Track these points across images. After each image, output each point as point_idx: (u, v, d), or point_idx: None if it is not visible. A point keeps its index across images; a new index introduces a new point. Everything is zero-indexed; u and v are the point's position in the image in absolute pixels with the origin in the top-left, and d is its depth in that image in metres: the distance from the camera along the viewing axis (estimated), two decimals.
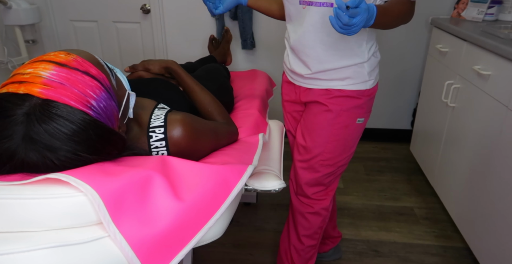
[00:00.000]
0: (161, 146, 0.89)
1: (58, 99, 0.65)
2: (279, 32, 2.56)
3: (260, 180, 1.03)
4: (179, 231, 0.72)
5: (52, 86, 0.65)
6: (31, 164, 0.67)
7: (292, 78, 1.33)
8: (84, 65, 0.72)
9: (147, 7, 2.57)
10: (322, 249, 1.69)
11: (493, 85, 1.48)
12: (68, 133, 0.66)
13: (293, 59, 1.27)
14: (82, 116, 0.67)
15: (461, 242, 1.78)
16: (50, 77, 0.66)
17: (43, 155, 0.66)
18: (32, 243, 0.62)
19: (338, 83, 1.21)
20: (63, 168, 0.69)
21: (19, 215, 0.64)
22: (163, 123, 0.90)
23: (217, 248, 1.77)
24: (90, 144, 0.69)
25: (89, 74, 0.71)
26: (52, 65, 0.68)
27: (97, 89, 0.71)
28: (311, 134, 1.30)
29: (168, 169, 0.78)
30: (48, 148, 0.65)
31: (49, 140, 0.65)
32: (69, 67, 0.69)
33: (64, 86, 0.66)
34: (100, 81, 0.72)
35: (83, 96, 0.68)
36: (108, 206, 0.64)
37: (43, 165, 0.67)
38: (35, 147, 0.65)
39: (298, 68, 1.25)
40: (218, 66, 1.79)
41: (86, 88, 0.69)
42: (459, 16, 2.14)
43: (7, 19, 2.33)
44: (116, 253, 0.67)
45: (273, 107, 2.60)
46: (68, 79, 0.67)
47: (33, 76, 0.66)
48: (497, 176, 1.43)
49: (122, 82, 0.85)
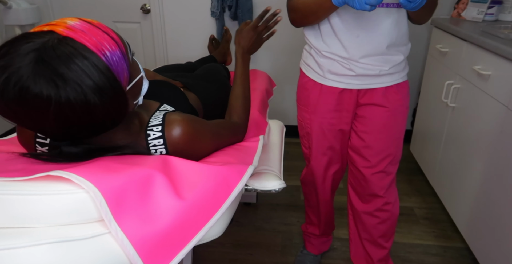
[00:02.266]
0: (159, 144, 0.89)
1: (77, 39, 0.69)
2: (279, 32, 2.56)
3: (260, 180, 1.03)
4: (180, 230, 0.72)
5: (73, 30, 0.70)
6: (33, 94, 0.65)
7: (350, 84, 1.24)
8: (107, 28, 0.76)
9: (147, 7, 2.57)
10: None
11: (493, 85, 1.48)
12: (80, 65, 0.67)
13: (360, 63, 1.19)
14: (96, 56, 0.69)
15: (461, 242, 1.78)
16: (74, 25, 0.71)
17: (51, 79, 0.65)
18: (33, 238, 0.62)
19: (398, 76, 1.25)
20: (65, 103, 0.67)
21: (21, 211, 0.64)
22: (161, 122, 0.90)
23: (217, 248, 1.77)
24: (97, 83, 0.69)
25: (108, 35, 0.74)
26: (78, 19, 0.74)
27: (113, 45, 0.74)
28: (381, 134, 1.28)
29: (169, 168, 0.78)
30: (57, 73, 0.65)
31: (60, 66, 0.66)
32: (92, 24, 0.74)
33: (85, 33, 0.71)
34: (117, 42, 0.75)
35: (99, 45, 0.71)
36: (109, 204, 0.65)
37: (48, 94, 0.65)
38: (46, 70, 0.65)
39: (369, 71, 1.19)
40: (218, 66, 1.79)
41: (104, 41, 0.72)
42: (459, 16, 2.14)
43: (7, 19, 2.33)
44: (117, 250, 0.67)
45: (273, 107, 2.60)
46: (90, 30, 0.72)
47: (59, 21, 0.72)
48: (497, 176, 1.43)
49: (138, 65, 0.85)
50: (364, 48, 1.16)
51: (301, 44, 2.60)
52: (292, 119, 2.81)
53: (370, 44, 1.16)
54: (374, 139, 1.30)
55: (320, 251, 1.69)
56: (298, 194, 2.18)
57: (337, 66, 1.21)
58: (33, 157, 0.80)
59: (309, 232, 1.67)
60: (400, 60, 1.21)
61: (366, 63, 1.18)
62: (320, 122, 1.32)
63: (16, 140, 1.00)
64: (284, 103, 2.78)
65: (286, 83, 2.70)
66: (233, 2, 2.43)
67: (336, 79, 1.24)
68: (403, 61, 1.24)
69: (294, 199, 2.14)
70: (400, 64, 1.23)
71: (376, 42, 1.16)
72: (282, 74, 2.66)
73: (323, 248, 1.69)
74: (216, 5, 2.45)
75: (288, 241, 1.81)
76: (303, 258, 1.66)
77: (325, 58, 1.22)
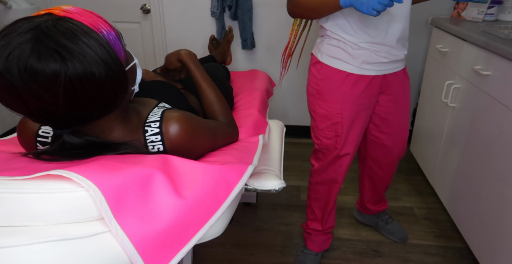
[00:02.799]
0: (156, 140, 0.89)
1: (75, 18, 0.72)
2: (279, 32, 2.56)
3: (260, 180, 1.03)
4: (180, 229, 0.72)
5: (70, 12, 0.73)
6: (40, 65, 0.65)
7: (381, 70, 1.36)
8: (101, 16, 0.78)
9: (147, 7, 2.57)
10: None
11: (493, 85, 1.48)
12: (81, 37, 0.69)
13: (393, 48, 1.32)
14: (95, 33, 0.72)
15: (461, 242, 1.78)
16: (69, 9, 0.74)
17: (54, 50, 0.66)
18: (33, 237, 0.62)
19: (405, 61, 1.43)
20: (72, 76, 0.67)
21: (21, 209, 0.64)
22: (159, 118, 0.90)
23: (217, 248, 1.77)
24: (100, 56, 0.71)
25: (102, 19, 0.77)
26: (73, 6, 0.76)
27: (108, 27, 0.76)
28: (405, 113, 1.52)
29: (169, 167, 0.78)
30: (59, 45, 0.66)
31: (61, 38, 0.67)
32: (87, 11, 0.76)
33: (81, 15, 0.73)
34: (112, 27, 0.78)
35: (96, 24, 0.73)
36: (109, 202, 0.65)
37: (53, 66, 0.66)
38: (48, 42, 0.66)
39: (397, 56, 1.34)
40: (218, 66, 1.79)
41: (99, 22, 0.75)
42: (459, 16, 2.14)
43: (7, 19, 2.33)
44: (117, 248, 0.67)
45: (273, 107, 2.60)
46: (85, 13, 0.74)
47: (55, 7, 0.74)
48: (497, 176, 1.43)
49: (130, 53, 0.87)
50: (396, 33, 1.29)
51: (301, 44, 2.60)
52: (292, 119, 2.81)
53: (398, 28, 1.28)
54: (399, 117, 1.51)
55: (321, 249, 1.69)
56: (298, 194, 2.18)
57: (372, 56, 1.31)
58: (34, 157, 0.80)
59: (311, 228, 1.67)
60: (407, 45, 1.39)
61: (398, 48, 1.33)
62: (350, 110, 1.39)
63: (16, 140, 1.00)
64: (284, 103, 2.78)
65: (286, 83, 2.70)
66: (233, 2, 2.43)
67: (370, 68, 1.33)
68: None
69: (294, 199, 2.14)
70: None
71: (402, 27, 1.29)
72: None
73: (324, 246, 1.69)
74: (216, 5, 2.45)
75: (288, 241, 1.81)
76: (304, 258, 1.66)
77: (360, 50, 1.30)
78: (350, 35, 1.28)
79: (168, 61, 1.24)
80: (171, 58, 1.23)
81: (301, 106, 2.77)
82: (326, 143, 1.46)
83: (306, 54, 2.64)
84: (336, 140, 1.44)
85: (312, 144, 1.53)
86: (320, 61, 1.38)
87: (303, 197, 2.14)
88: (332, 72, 1.36)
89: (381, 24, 1.26)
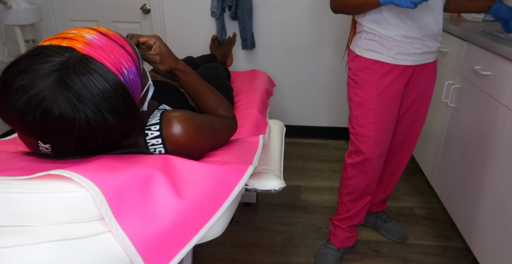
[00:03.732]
0: (157, 143, 0.88)
1: (97, 58, 0.70)
2: (279, 32, 2.56)
3: (260, 180, 1.03)
4: (181, 229, 0.72)
5: (92, 47, 0.70)
6: (55, 116, 0.66)
7: (415, 60, 1.42)
8: (122, 40, 0.77)
9: (147, 7, 2.57)
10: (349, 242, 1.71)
11: (493, 85, 1.48)
12: (100, 88, 0.68)
13: (426, 41, 1.38)
14: (115, 78, 0.71)
15: (461, 242, 1.78)
16: (92, 40, 0.72)
17: (72, 103, 0.66)
18: (33, 236, 0.62)
19: (437, 54, 1.49)
20: (85, 126, 0.69)
21: (22, 209, 0.64)
22: (158, 121, 0.90)
23: (217, 248, 1.77)
24: (115, 105, 0.71)
25: (124, 49, 0.75)
26: (95, 32, 0.74)
27: (129, 62, 0.75)
28: (428, 101, 1.57)
29: (170, 167, 0.78)
30: (78, 97, 0.67)
31: (81, 89, 0.67)
32: (109, 37, 0.75)
33: (103, 50, 0.71)
34: (132, 57, 0.77)
35: (117, 63, 0.72)
36: (110, 202, 0.65)
37: (68, 117, 0.67)
38: (67, 94, 0.66)
39: (430, 48, 1.41)
40: (219, 66, 1.79)
41: (121, 58, 0.73)
42: (459, 16, 2.14)
43: (7, 19, 2.33)
44: (117, 248, 0.67)
45: (273, 107, 2.60)
46: (107, 45, 0.73)
47: (77, 35, 0.72)
48: (497, 176, 1.43)
49: (146, 73, 0.88)
50: (430, 25, 1.35)
51: (301, 44, 2.61)
52: (292, 119, 2.81)
53: (433, 21, 1.36)
54: (422, 104, 1.56)
55: (343, 246, 1.68)
56: (298, 194, 2.18)
57: (406, 47, 1.38)
58: (36, 156, 0.80)
59: (335, 223, 1.69)
60: (440, 40, 1.46)
61: (431, 40, 1.39)
62: (384, 97, 1.45)
63: (16, 139, 1.00)
64: (284, 103, 2.78)
65: (286, 83, 2.70)
66: (233, 2, 2.43)
67: (404, 58, 1.40)
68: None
69: (294, 199, 2.14)
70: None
71: (436, 19, 1.37)
72: (282, 74, 2.66)
73: (346, 243, 1.69)
74: (216, 5, 2.45)
75: (288, 241, 1.81)
76: (325, 251, 1.67)
77: (395, 42, 1.37)
78: (386, 29, 1.36)
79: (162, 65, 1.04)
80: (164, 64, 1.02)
81: (301, 106, 2.77)
82: (359, 130, 1.49)
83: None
84: (369, 127, 1.48)
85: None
86: (358, 55, 1.45)
87: (303, 197, 2.14)
88: (368, 63, 1.43)
89: (416, 18, 1.33)
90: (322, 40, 2.55)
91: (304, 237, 1.83)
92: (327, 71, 2.64)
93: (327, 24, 2.51)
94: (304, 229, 1.88)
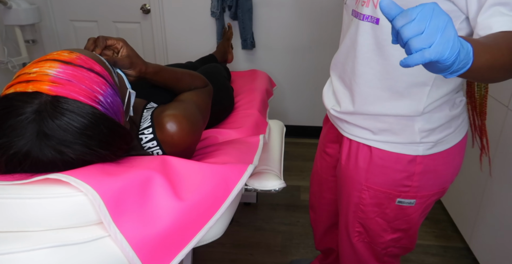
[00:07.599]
0: (153, 146, 0.89)
1: (68, 95, 0.66)
2: (279, 32, 2.56)
3: (260, 180, 1.03)
4: (180, 231, 0.72)
5: (60, 84, 0.66)
6: (46, 162, 0.66)
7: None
8: (88, 62, 0.72)
9: (147, 7, 2.57)
10: None
11: (493, 85, 1.47)
12: (80, 127, 0.66)
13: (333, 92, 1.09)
14: (92, 111, 0.68)
15: (461, 242, 1.78)
16: (57, 75, 0.67)
17: (59, 150, 0.66)
18: (32, 242, 0.62)
19: (368, 136, 0.93)
20: (81, 162, 0.69)
21: (19, 214, 0.64)
22: (150, 124, 0.90)
23: (217, 248, 1.77)
24: (101, 138, 0.70)
25: (94, 71, 0.71)
26: (58, 63, 0.69)
27: (103, 85, 0.71)
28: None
29: (168, 169, 0.78)
30: (62, 142, 0.65)
31: (63, 135, 0.65)
32: (74, 64, 0.70)
33: (72, 83, 0.67)
34: (104, 77, 0.73)
35: (91, 92, 0.69)
36: (108, 206, 0.65)
37: (61, 161, 0.67)
38: (50, 143, 0.65)
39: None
40: (219, 66, 1.78)
41: (93, 84, 0.70)
42: None
43: (7, 19, 2.33)
44: (116, 253, 0.67)
45: (273, 107, 2.60)
46: (75, 76, 0.68)
47: (40, 74, 0.67)
48: (497, 176, 1.43)
49: (123, 81, 0.85)
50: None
51: (301, 44, 2.60)
52: (292, 120, 2.81)
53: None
54: None
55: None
56: (298, 194, 2.18)
57: None
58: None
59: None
60: None
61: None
62: None
63: None
64: (284, 103, 2.78)
65: (286, 83, 2.70)
66: (233, 2, 2.42)
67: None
68: None
69: (294, 199, 2.14)
70: None
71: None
72: (282, 74, 2.66)
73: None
74: (216, 5, 2.45)
75: (288, 241, 1.81)
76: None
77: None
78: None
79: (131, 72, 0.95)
80: (134, 70, 0.94)
81: (301, 106, 2.77)
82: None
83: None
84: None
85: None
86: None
87: (303, 197, 2.14)
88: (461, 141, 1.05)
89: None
90: (322, 40, 2.55)
91: (304, 237, 1.83)
92: (327, 71, 2.64)
93: (327, 24, 2.51)
94: (304, 229, 1.88)
